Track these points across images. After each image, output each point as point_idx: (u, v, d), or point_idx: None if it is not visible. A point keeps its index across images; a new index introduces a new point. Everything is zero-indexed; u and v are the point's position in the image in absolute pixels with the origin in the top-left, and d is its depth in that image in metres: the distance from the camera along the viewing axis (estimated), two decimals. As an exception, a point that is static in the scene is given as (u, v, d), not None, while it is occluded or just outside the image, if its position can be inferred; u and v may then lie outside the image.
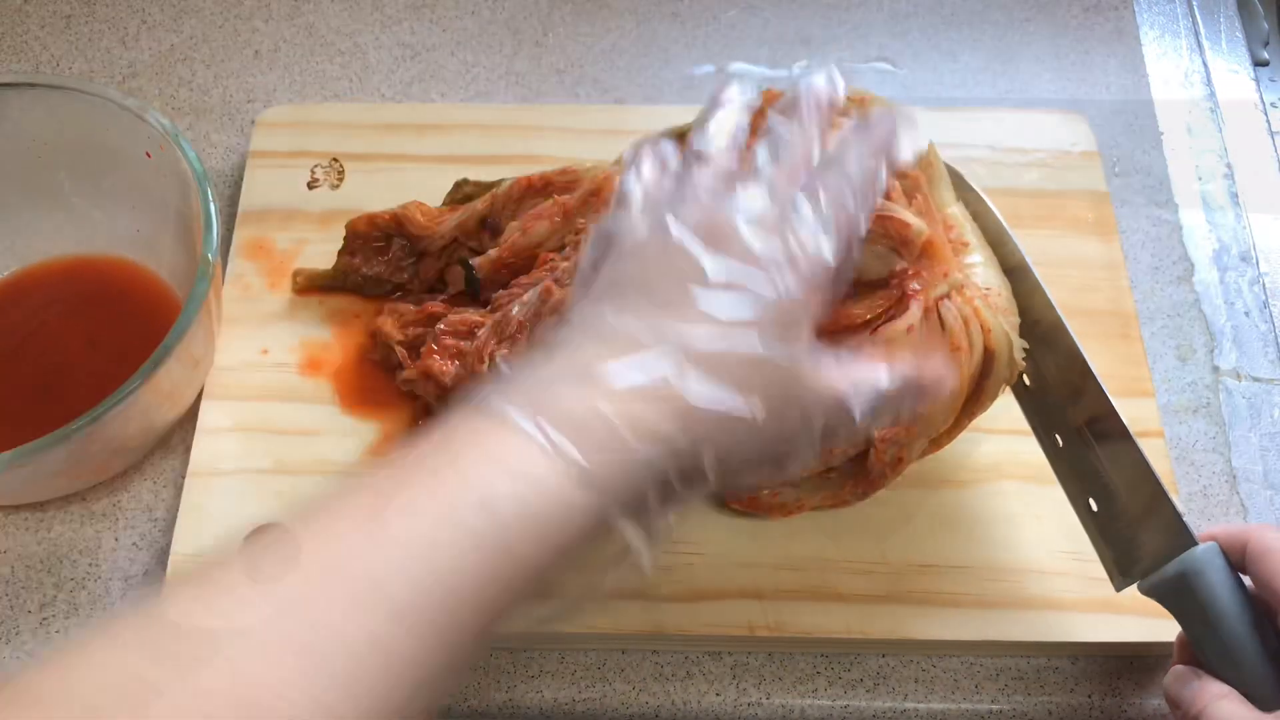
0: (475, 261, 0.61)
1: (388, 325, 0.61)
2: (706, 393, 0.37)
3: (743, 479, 0.45)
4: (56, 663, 0.30)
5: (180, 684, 0.29)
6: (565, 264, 0.57)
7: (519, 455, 0.35)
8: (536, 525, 0.34)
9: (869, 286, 0.51)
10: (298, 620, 0.31)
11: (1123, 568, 0.51)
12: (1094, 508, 0.53)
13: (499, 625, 0.35)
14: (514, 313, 0.56)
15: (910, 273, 0.51)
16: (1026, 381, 0.55)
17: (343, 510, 0.34)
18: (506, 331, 0.56)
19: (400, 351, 0.60)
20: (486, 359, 0.55)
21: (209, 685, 0.29)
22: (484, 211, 0.62)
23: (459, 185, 0.65)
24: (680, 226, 0.40)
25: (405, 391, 0.61)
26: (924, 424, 0.53)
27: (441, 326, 0.59)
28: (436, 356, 0.58)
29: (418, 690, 0.32)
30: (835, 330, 0.50)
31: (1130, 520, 0.50)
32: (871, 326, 0.51)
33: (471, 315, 0.60)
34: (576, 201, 0.61)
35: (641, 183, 0.44)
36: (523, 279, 0.59)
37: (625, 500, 0.36)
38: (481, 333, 0.57)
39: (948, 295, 0.52)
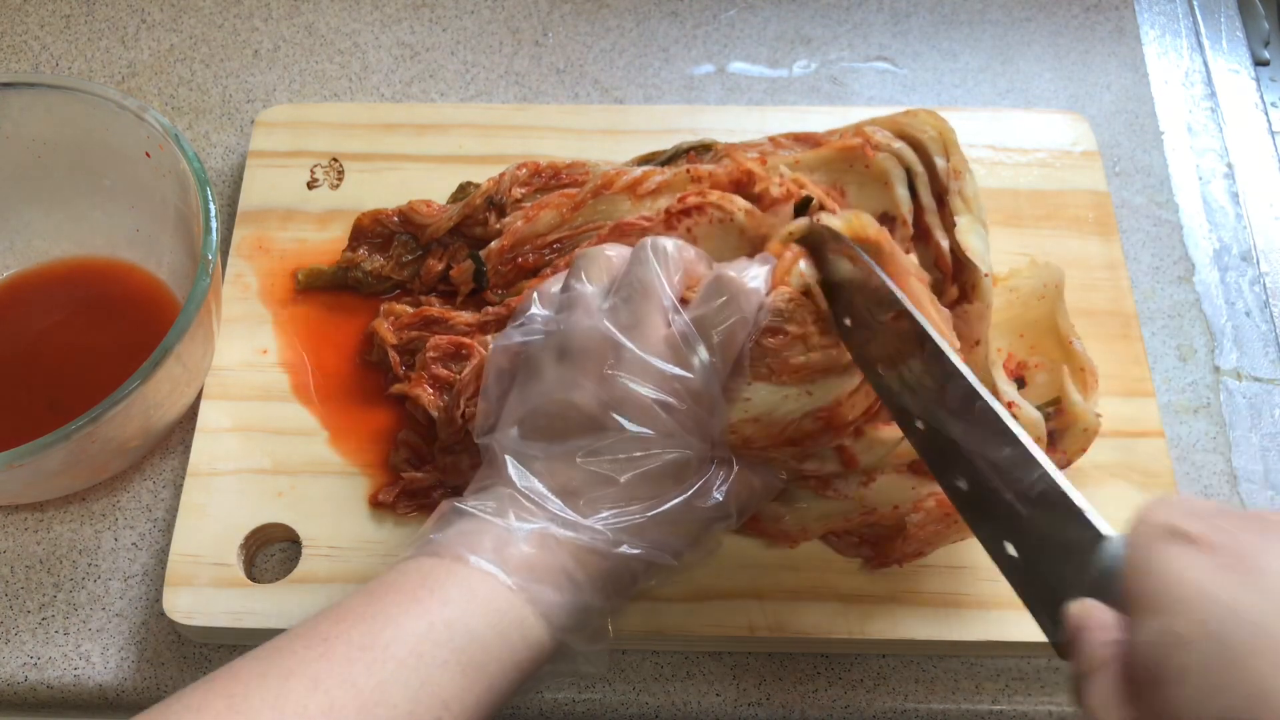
0: (482, 253, 0.61)
1: (382, 329, 0.61)
2: (630, 547, 0.45)
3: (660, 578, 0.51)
4: None
5: None
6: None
7: (487, 591, 0.42)
8: (503, 646, 0.42)
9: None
10: None
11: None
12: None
13: None
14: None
15: None
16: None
17: (339, 635, 0.40)
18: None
19: (393, 356, 0.60)
20: (463, 408, 0.56)
21: None
22: (489, 190, 0.62)
23: (463, 187, 0.66)
24: (589, 393, 0.46)
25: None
26: (961, 528, 0.54)
27: (431, 353, 0.58)
28: (427, 387, 0.58)
29: None
30: (825, 430, 0.50)
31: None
32: (859, 424, 0.51)
33: (463, 318, 0.60)
34: (585, 194, 0.61)
35: (545, 307, 0.51)
36: (528, 285, 0.59)
37: (571, 624, 0.44)
38: (466, 373, 0.57)
39: None
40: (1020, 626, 0.55)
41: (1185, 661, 0.33)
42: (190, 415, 0.62)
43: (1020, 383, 0.58)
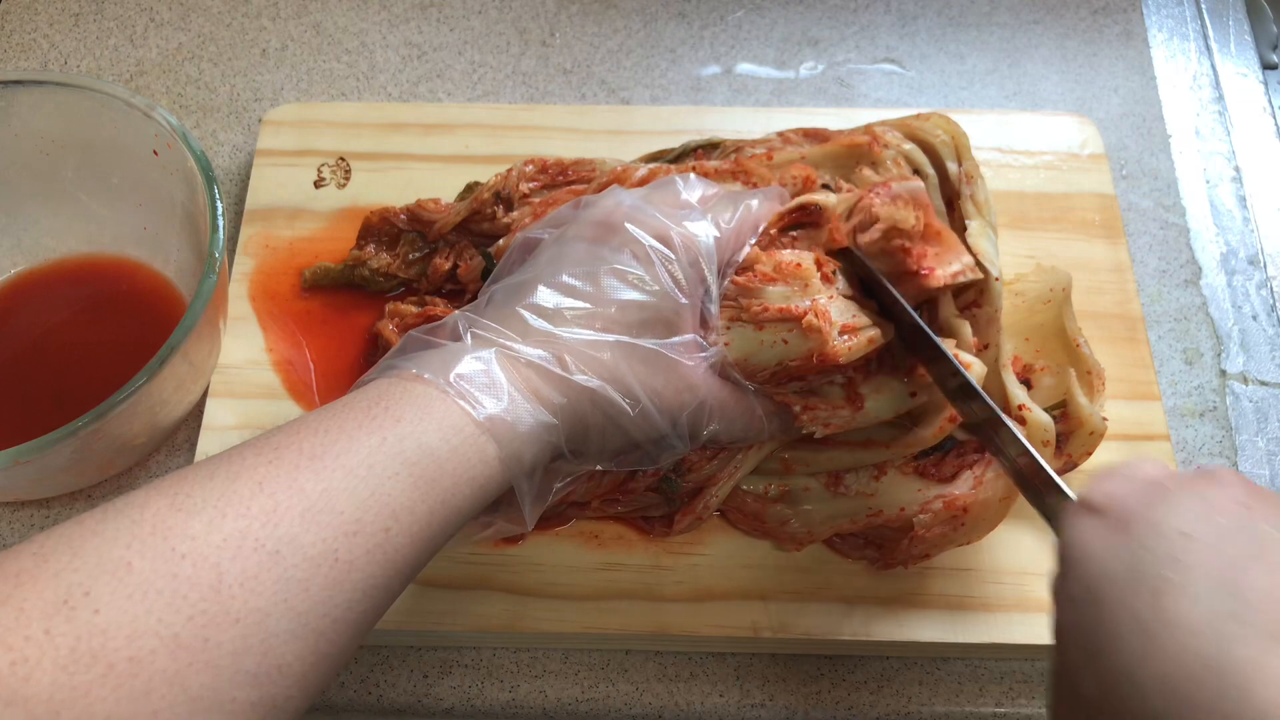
0: (490, 249, 0.61)
1: (386, 330, 0.61)
2: (583, 376, 0.45)
3: (626, 460, 0.50)
4: (49, 548, 0.34)
5: (159, 569, 0.34)
6: None
7: (442, 408, 0.42)
8: (457, 462, 0.41)
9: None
10: (265, 529, 0.36)
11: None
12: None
13: (426, 557, 0.41)
14: None
15: (919, 252, 0.51)
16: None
17: (291, 444, 0.40)
18: None
19: None
20: None
21: (187, 574, 0.34)
22: (497, 185, 0.62)
23: (470, 188, 0.66)
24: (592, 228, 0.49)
25: None
26: (968, 531, 0.54)
27: None
28: None
29: (362, 598, 0.38)
30: (818, 370, 0.50)
31: None
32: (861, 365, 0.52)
33: None
34: (592, 190, 0.61)
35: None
36: None
37: (525, 462, 0.44)
38: None
39: (962, 271, 0.52)
40: (1024, 629, 0.55)
41: (1071, 620, 0.38)
42: (196, 413, 0.62)
43: (1027, 386, 0.58)
